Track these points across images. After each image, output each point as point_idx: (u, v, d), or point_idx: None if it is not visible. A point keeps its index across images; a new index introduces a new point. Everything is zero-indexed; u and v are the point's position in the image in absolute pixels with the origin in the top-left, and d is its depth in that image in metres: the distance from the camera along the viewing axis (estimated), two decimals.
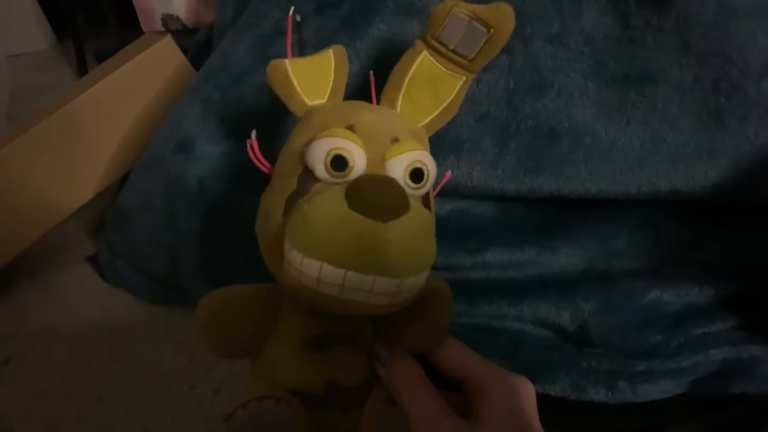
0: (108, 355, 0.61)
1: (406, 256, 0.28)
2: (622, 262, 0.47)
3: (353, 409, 0.33)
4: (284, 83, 0.34)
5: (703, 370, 0.41)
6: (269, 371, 0.33)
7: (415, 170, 0.31)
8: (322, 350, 0.33)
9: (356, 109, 0.33)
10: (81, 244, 0.74)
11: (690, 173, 0.43)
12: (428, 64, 0.35)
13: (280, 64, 0.34)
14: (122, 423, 0.54)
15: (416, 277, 0.29)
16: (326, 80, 0.36)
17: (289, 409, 0.30)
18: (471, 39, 0.33)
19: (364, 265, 0.27)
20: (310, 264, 0.27)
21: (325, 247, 0.27)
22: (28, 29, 1.30)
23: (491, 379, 0.33)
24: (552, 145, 0.43)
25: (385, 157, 0.31)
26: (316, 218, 0.28)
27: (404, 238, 0.28)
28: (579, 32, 0.41)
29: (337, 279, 0.27)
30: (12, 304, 0.67)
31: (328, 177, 0.30)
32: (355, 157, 0.30)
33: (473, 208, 0.49)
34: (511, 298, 0.47)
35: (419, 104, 0.36)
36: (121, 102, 0.67)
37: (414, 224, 0.28)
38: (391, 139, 0.32)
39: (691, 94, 0.41)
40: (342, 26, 0.45)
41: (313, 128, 0.32)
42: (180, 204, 0.51)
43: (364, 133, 0.31)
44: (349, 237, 0.27)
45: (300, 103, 0.34)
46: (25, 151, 0.63)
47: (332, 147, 0.30)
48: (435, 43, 0.34)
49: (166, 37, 0.69)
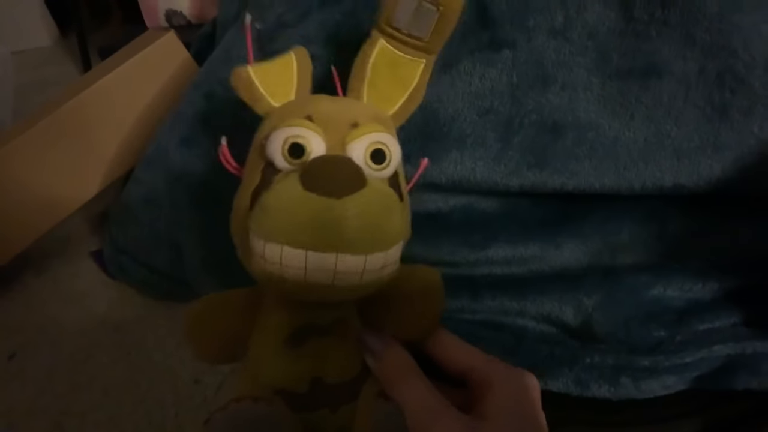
0: (113, 349, 0.61)
1: (365, 231, 0.28)
2: (626, 257, 0.46)
3: (343, 406, 0.33)
4: (248, 88, 0.35)
5: (707, 366, 0.41)
6: (254, 372, 0.34)
7: (375, 151, 0.31)
8: (302, 344, 0.33)
9: (314, 101, 0.34)
10: (86, 239, 0.75)
11: (694, 167, 0.42)
12: (387, 52, 0.35)
13: (242, 70, 0.35)
14: (127, 416, 0.55)
15: (383, 253, 0.29)
16: (290, 82, 0.36)
17: (268, 408, 0.30)
18: (422, 19, 0.34)
19: (324, 244, 0.27)
20: (271, 249, 0.28)
21: (284, 230, 0.28)
22: (32, 25, 1.30)
23: (496, 374, 0.33)
24: (556, 139, 0.43)
25: (345, 141, 0.31)
26: (273, 203, 0.28)
27: (362, 212, 0.28)
28: (582, 26, 0.40)
29: (299, 261, 0.27)
30: (18, 299, 0.68)
31: (287, 166, 0.30)
32: (311, 143, 0.30)
33: (476, 204, 0.49)
34: (515, 294, 0.46)
35: (384, 93, 0.36)
36: (125, 97, 0.67)
37: (372, 199, 0.29)
38: (351, 124, 0.32)
39: (695, 88, 0.40)
40: (345, 20, 0.44)
41: (273, 121, 0.33)
42: (183, 198, 0.51)
43: (322, 120, 0.31)
44: (305, 216, 0.27)
45: (266, 105, 0.35)
46: (31, 146, 0.63)
47: (288, 135, 0.30)
48: (389, 29, 0.35)
49: (169, 33, 0.69)
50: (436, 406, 0.30)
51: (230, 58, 0.50)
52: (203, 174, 0.50)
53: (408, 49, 0.35)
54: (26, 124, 0.66)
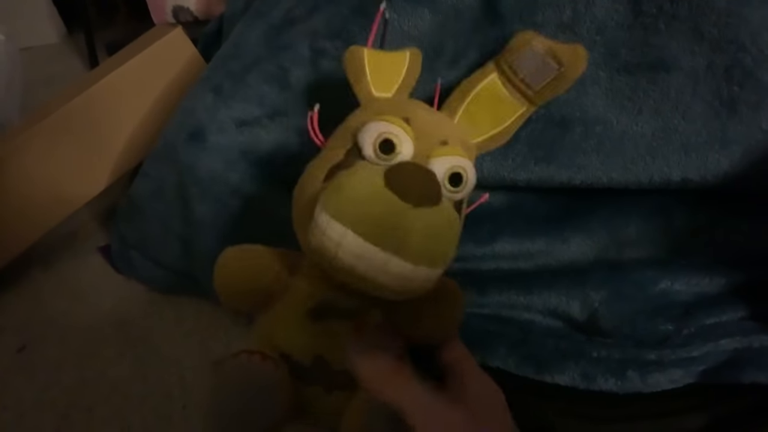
0: (120, 343, 0.61)
1: (425, 245, 0.29)
2: (633, 252, 0.46)
3: (335, 390, 0.34)
4: (357, 68, 0.36)
5: (713, 360, 0.41)
6: (269, 330, 0.35)
7: (454, 174, 0.32)
8: (320, 320, 0.34)
9: (415, 106, 0.35)
10: (93, 234, 0.75)
11: (702, 162, 0.42)
12: (494, 86, 0.36)
13: (358, 50, 0.36)
14: (134, 410, 0.55)
15: (430, 269, 0.30)
16: (396, 77, 0.37)
17: (274, 369, 0.31)
18: (541, 72, 0.35)
19: (384, 242, 0.28)
20: (335, 228, 0.28)
21: (353, 215, 0.28)
22: (39, 22, 1.31)
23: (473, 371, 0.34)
24: (563, 134, 0.43)
25: (431, 155, 0.32)
26: (351, 186, 0.29)
27: (428, 227, 0.29)
28: (591, 20, 0.40)
29: (356, 248, 0.28)
30: (26, 293, 0.68)
31: (374, 157, 0.31)
32: (403, 144, 0.31)
33: None
34: (521, 288, 0.47)
35: (476, 121, 0.37)
36: (132, 93, 0.67)
37: (440, 219, 0.30)
38: (441, 140, 0.33)
39: (703, 82, 0.41)
40: (353, 15, 0.45)
41: (371, 113, 0.34)
42: (191, 193, 0.51)
43: (417, 128, 0.32)
44: (377, 210, 0.28)
45: (366, 90, 0.36)
46: (39, 141, 0.63)
47: (384, 131, 0.31)
48: (506, 69, 0.36)
49: (176, 29, 0.69)
50: (435, 402, 0.30)
51: (238, 53, 0.50)
52: (211, 168, 0.50)
53: (515, 92, 0.36)
54: (34, 120, 0.67)
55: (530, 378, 0.42)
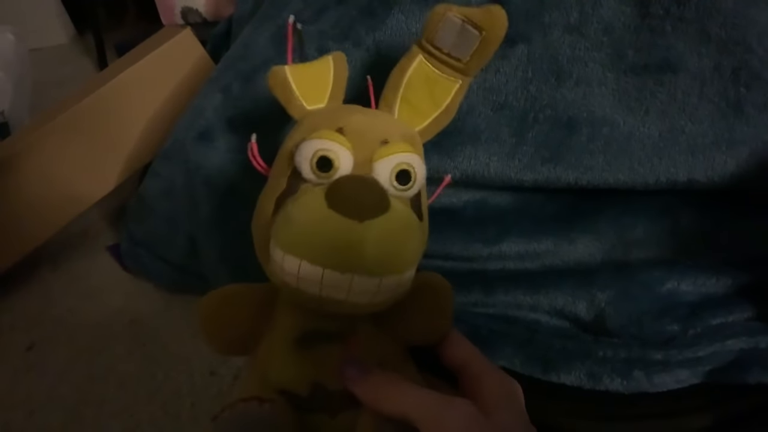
0: (129, 340, 0.62)
1: (383, 256, 0.28)
2: (640, 252, 0.47)
3: (340, 413, 0.33)
4: (283, 88, 0.35)
5: (719, 360, 0.41)
6: (261, 369, 0.34)
7: (401, 172, 0.31)
8: (309, 348, 0.33)
9: (347, 112, 0.34)
10: (103, 233, 0.76)
11: (709, 163, 0.43)
12: (424, 68, 0.35)
13: (280, 70, 0.35)
14: (143, 407, 0.56)
15: (397, 276, 0.29)
16: (325, 86, 0.36)
17: (273, 411, 0.30)
18: (464, 42, 0.34)
19: (341, 264, 0.28)
20: (290, 261, 0.28)
21: (304, 245, 0.28)
22: (49, 23, 1.32)
23: (489, 371, 0.33)
24: (570, 135, 0.43)
25: (373, 158, 0.31)
26: (296, 216, 0.29)
27: (381, 237, 0.28)
28: (598, 21, 0.41)
29: (315, 276, 0.28)
30: (36, 291, 0.69)
31: (314, 178, 0.31)
32: (340, 158, 0.31)
33: (490, 198, 0.49)
34: (528, 288, 0.47)
35: (417, 108, 0.36)
36: (142, 94, 0.68)
37: (392, 225, 0.29)
38: (381, 141, 0.32)
39: (710, 84, 0.41)
40: (361, 16, 0.45)
41: (304, 130, 0.33)
42: (200, 192, 0.52)
43: (353, 134, 0.32)
44: (326, 235, 0.28)
45: (299, 107, 0.35)
46: (50, 141, 0.64)
47: (318, 148, 0.30)
48: (430, 47, 0.35)
49: (185, 30, 0.70)
50: (440, 398, 0.29)
51: (247, 54, 0.51)
52: (220, 168, 0.50)
53: (446, 69, 0.35)
54: (44, 120, 0.67)
55: (536, 378, 0.42)
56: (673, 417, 0.42)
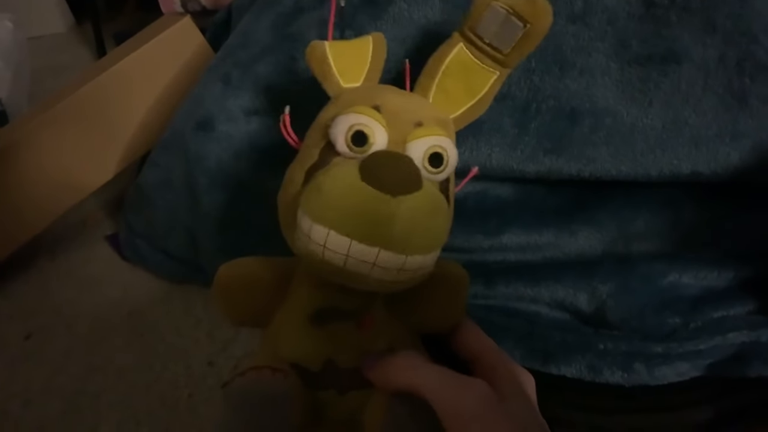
0: (127, 331, 0.62)
1: (411, 233, 0.28)
2: (642, 245, 0.46)
3: (349, 391, 0.33)
4: (321, 64, 0.35)
5: (720, 354, 0.41)
6: (273, 342, 0.34)
7: (434, 154, 0.31)
8: (324, 325, 0.33)
9: (384, 92, 0.34)
10: (101, 223, 0.76)
11: (712, 155, 0.42)
12: (463, 56, 0.35)
13: (319, 45, 0.35)
14: (141, 397, 0.55)
15: (422, 256, 0.29)
16: (362, 65, 0.36)
17: (285, 381, 0.30)
18: (507, 33, 0.33)
19: (369, 236, 0.28)
20: (318, 230, 0.28)
21: (333, 215, 0.28)
22: (47, 12, 1.31)
23: (503, 362, 0.33)
24: (573, 125, 0.43)
25: (407, 139, 0.31)
26: (328, 186, 0.29)
27: (411, 215, 0.28)
28: (602, 11, 0.40)
29: (341, 247, 0.28)
30: (33, 281, 0.69)
31: (348, 151, 0.31)
32: (375, 134, 0.31)
33: (491, 190, 0.49)
34: (528, 280, 0.47)
35: (452, 95, 0.36)
36: (141, 82, 0.67)
37: (423, 203, 0.29)
38: (415, 122, 0.32)
39: (715, 75, 0.40)
40: (363, 4, 0.44)
41: (340, 105, 0.33)
42: (200, 182, 0.52)
43: (388, 114, 0.32)
44: (356, 207, 0.28)
45: (335, 84, 0.35)
46: (48, 129, 0.63)
47: (354, 123, 0.30)
48: (471, 36, 0.34)
49: (185, 18, 0.69)
50: (460, 378, 0.29)
51: (247, 42, 0.50)
52: (219, 158, 0.50)
53: (485, 59, 0.35)
54: (43, 108, 0.67)
55: (536, 370, 0.42)
56: (674, 410, 0.42)
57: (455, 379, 0.29)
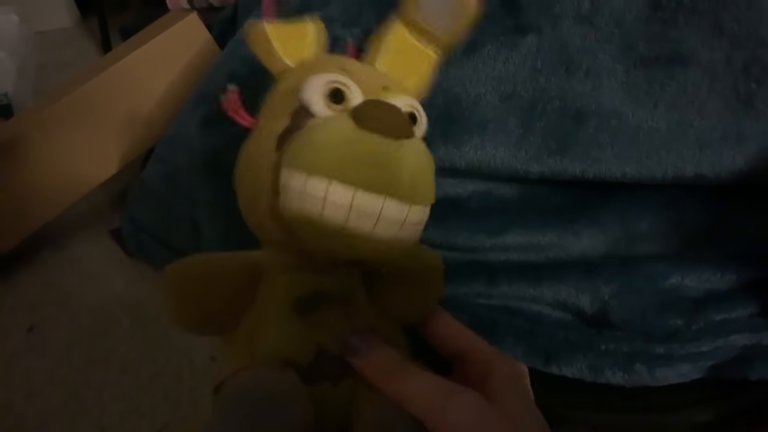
0: (130, 324, 0.62)
1: (416, 178, 0.27)
2: (645, 247, 0.46)
3: (344, 379, 0.31)
4: (264, 43, 0.33)
5: (722, 356, 0.41)
6: (248, 345, 0.31)
7: (408, 114, 0.30)
8: (309, 312, 0.31)
9: (345, 59, 0.33)
10: (105, 217, 0.76)
11: (717, 158, 0.42)
12: (403, 38, 0.34)
13: (259, 24, 0.33)
14: (143, 391, 0.56)
15: (422, 208, 0.28)
16: (307, 46, 0.34)
17: (286, 376, 0.27)
18: (444, 13, 0.33)
19: (376, 183, 0.26)
20: (315, 184, 0.26)
21: (334, 163, 0.26)
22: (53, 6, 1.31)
23: (496, 356, 0.32)
24: (578, 126, 0.43)
25: (380, 98, 0.30)
26: (322, 138, 0.27)
27: (416, 159, 0.27)
28: (609, 12, 0.40)
29: (345, 199, 0.26)
30: (37, 274, 0.69)
31: (326, 110, 0.29)
32: (353, 91, 0.29)
33: (495, 189, 0.49)
34: (531, 280, 0.47)
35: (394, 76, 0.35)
36: (147, 78, 0.68)
37: (422, 148, 0.28)
38: (382, 86, 0.31)
39: (721, 78, 0.40)
40: (369, 2, 0.45)
41: (305, 71, 0.31)
42: (204, 177, 0.52)
43: (356, 76, 0.30)
44: (361, 152, 0.26)
45: (281, 63, 0.33)
46: (52, 123, 0.64)
47: (330, 80, 0.29)
48: (410, 18, 0.34)
49: (191, 14, 0.69)
50: (445, 386, 0.28)
51: None
52: (224, 153, 0.50)
53: (424, 41, 0.34)
54: (48, 102, 0.67)
55: (537, 369, 0.42)
56: (675, 411, 0.42)
57: (442, 389, 0.28)
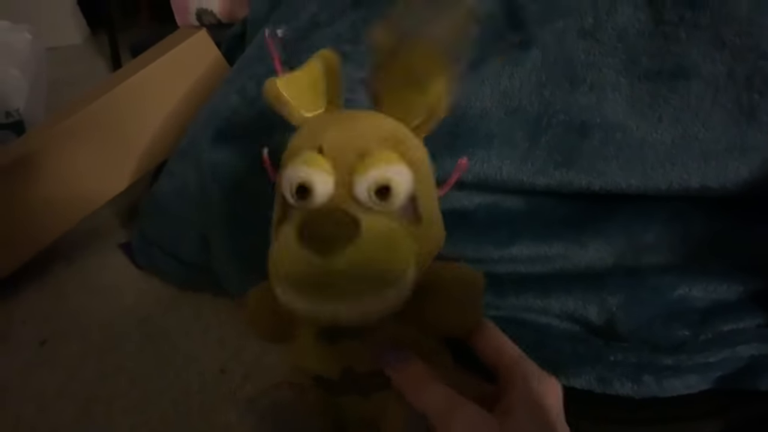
0: (140, 338, 0.62)
1: (359, 281, 0.29)
2: (651, 257, 0.47)
3: (373, 393, 0.34)
4: (278, 101, 0.35)
5: (730, 366, 0.41)
6: (295, 357, 0.36)
7: (379, 188, 0.30)
8: (333, 343, 0.34)
9: (326, 127, 0.33)
10: (115, 232, 0.77)
11: (721, 170, 0.43)
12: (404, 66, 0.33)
13: (271, 83, 0.34)
14: (153, 404, 0.56)
15: (385, 291, 0.29)
16: (318, 90, 0.36)
17: (303, 395, 0.32)
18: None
19: (321, 296, 0.29)
20: (279, 293, 0.29)
21: (287, 281, 0.29)
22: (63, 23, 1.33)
23: (520, 370, 0.33)
24: (583, 139, 0.44)
25: (353, 173, 0.31)
26: (276, 256, 0.30)
27: (351, 265, 0.28)
28: (612, 27, 0.41)
29: (305, 307, 0.29)
30: (48, 288, 0.70)
31: (296, 204, 0.31)
32: (316, 185, 0.31)
33: (502, 202, 0.50)
34: (539, 291, 0.47)
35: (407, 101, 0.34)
36: (157, 94, 0.69)
37: (365, 247, 0.29)
38: (359, 153, 0.31)
39: (724, 90, 0.41)
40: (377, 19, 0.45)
41: (290, 151, 0.33)
42: (214, 191, 0.52)
43: (332, 151, 0.31)
44: (300, 272, 0.29)
45: (297, 116, 0.35)
46: (63, 140, 0.65)
47: (295, 177, 0.31)
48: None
49: (201, 31, 0.71)
50: (453, 401, 0.30)
51: (263, 55, 0.51)
52: (234, 168, 0.51)
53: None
54: (59, 118, 0.68)
55: None
56: (683, 422, 0.42)
57: (448, 401, 0.30)
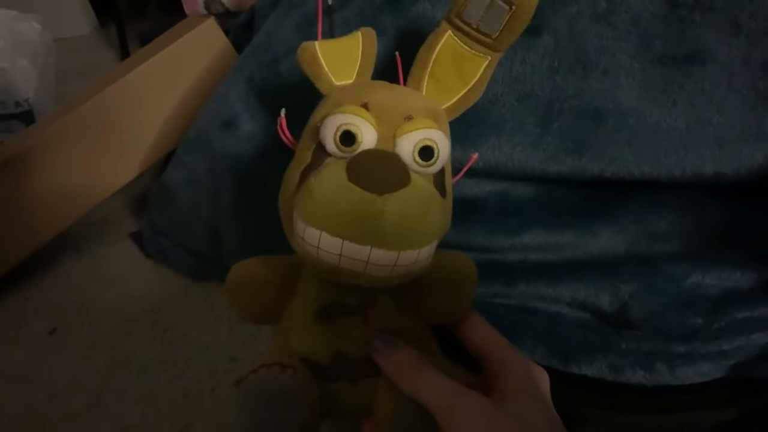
0: (150, 327, 0.63)
1: (401, 230, 0.29)
2: (664, 245, 0.46)
3: (361, 380, 0.33)
4: (312, 64, 0.35)
5: (744, 354, 0.41)
6: (284, 338, 0.35)
7: (424, 147, 0.31)
8: (330, 321, 0.34)
9: (372, 88, 0.34)
10: (124, 221, 0.77)
11: (736, 156, 0.42)
12: (453, 44, 0.35)
13: (309, 45, 0.36)
14: (164, 392, 0.56)
15: (415, 251, 0.30)
16: (353, 61, 0.37)
17: (294, 378, 0.31)
18: (493, 16, 0.34)
19: (360, 236, 0.28)
20: (311, 233, 0.29)
21: (324, 217, 0.29)
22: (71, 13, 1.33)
23: (513, 357, 0.33)
24: (596, 125, 0.43)
25: (396, 134, 0.32)
26: (317, 189, 0.29)
27: (400, 211, 0.28)
28: (626, 11, 0.40)
29: (334, 248, 0.29)
30: (58, 277, 0.70)
31: (337, 152, 0.31)
32: (363, 132, 0.31)
33: (512, 189, 0.49)
34: (550, 280, 0.47)
35: (445, 84, 0.36)
36: (165, 83, 0.68)
37: (412, 198, 0.29)
38: (405, 116, 0.32)
39: (739, 75, 0.40)
40: (386, 4, 0.45)
41: (330, 105, 0.33)
42: (223, 180, 0.52)
43: (377, 110, 0.32)
44: (345, 207, 0.28)
45: (327, 82, 0.35)
46: (73, 130, 0.64)
47: (342, 122, 0.31)
48: (458, 22, 0.35)
49: (209, 20, 0.70)
50: (453, 388, 0.30)
51: (271, 43, 0.51)
52: (244, 156, 0.51)
53: (474, 45, 0.35)
54: (68, 109, 0.68)
55: (557, 369, 0.42)
56: (696, 410, 0.41)
57: (451, 390, 0.30)
